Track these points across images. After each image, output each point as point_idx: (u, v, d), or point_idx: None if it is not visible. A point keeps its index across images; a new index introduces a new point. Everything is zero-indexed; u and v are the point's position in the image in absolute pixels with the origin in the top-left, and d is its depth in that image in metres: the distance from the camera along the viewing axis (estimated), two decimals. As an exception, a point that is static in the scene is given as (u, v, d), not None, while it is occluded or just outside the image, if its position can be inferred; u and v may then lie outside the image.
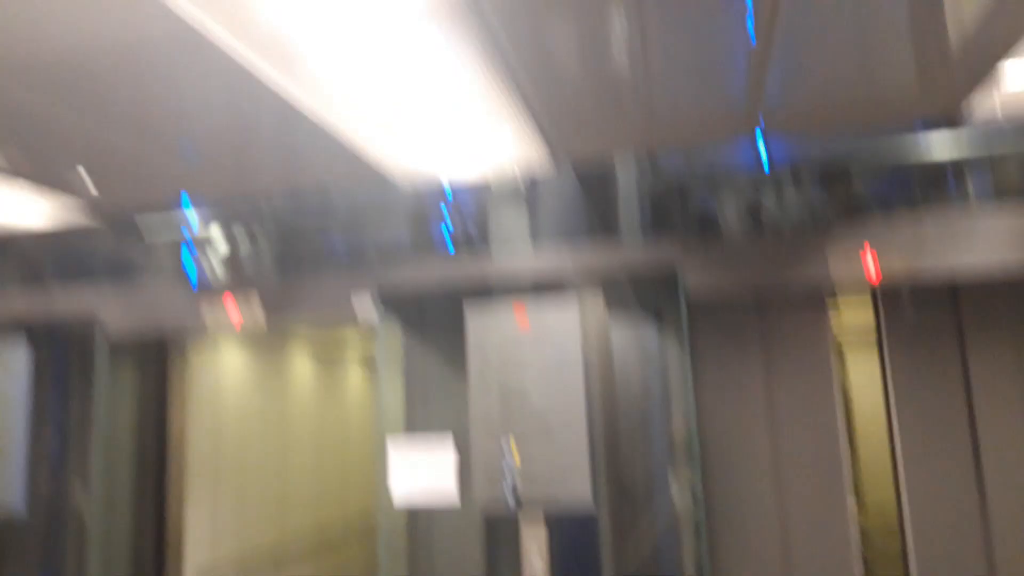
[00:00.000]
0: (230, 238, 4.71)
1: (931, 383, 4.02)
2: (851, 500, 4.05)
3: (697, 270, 4.00)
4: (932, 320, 4.05)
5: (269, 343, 6.67)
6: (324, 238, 4.93)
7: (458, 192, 4.86)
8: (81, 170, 3.71)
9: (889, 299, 4.14)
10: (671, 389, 4.37)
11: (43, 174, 3.76)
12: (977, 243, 3.63)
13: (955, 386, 3.99)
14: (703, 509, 3.92)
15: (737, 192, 4.26)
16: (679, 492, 4.18)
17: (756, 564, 4.04)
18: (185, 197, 4.13)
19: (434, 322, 4.69)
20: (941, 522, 3.91)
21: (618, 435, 4.39)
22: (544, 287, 4.43)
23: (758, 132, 3.61)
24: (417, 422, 4.49)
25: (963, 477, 3.92)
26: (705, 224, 4.58)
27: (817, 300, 4.19)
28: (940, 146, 4.09)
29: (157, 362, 5.15)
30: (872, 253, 3.75)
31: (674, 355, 4.28)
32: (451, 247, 4.96)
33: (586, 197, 4.82)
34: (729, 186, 4.28)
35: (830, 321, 4.20)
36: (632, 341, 4.64)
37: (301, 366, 7.39)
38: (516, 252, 4.28)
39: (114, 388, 4.74)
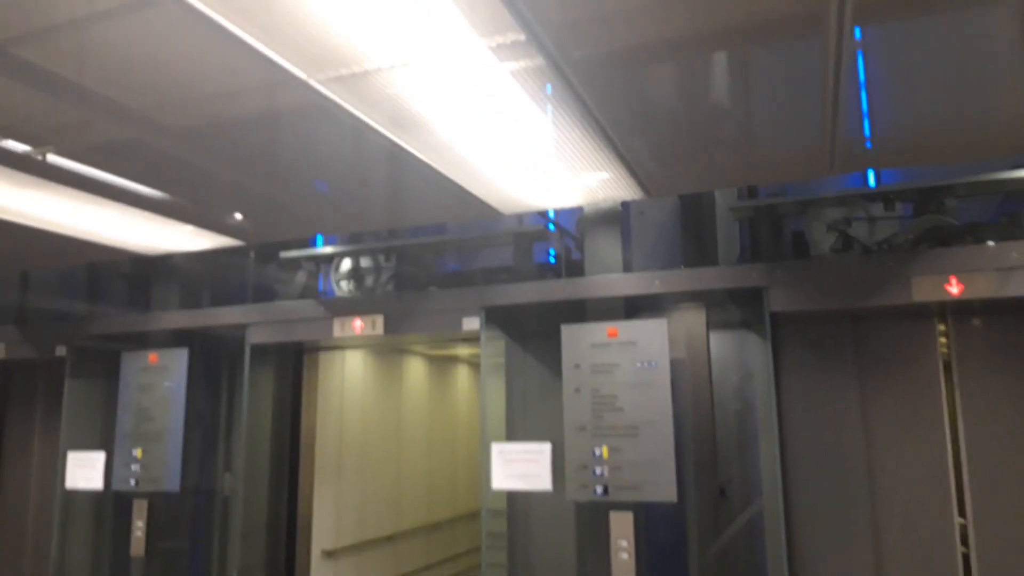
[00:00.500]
0: (356, 264, 5.30)
1: (1003, 406, 4.09)
2: (957, 521, 4.14)
3: (785, 289, 4.20)
4: (1007, 344, 4.12)
5: (387, 345, 7.26)
6: (437, 262, 5.45)
7: (561, 220, 5.24)
8: (237, 215, 4.33)
9: (964, 321, 4.21)
10: (760, 399, 4.59)
11: (204, 217, 4.41)
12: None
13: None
14: (781, 516, 4.13)
15: (826, 214, 4.43)
16: (765, 498, 4.41)
17: None
18: (319, 232, 4.69)
19: (534, 337, 5.10)
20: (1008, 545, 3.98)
21: (711, 439, 4.67)
22: (640, 308, 4.76)
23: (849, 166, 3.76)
24: (517, 424, 4.92)
25: (1053, 499, 3.97)
26: (797, 244, 4.77)
27: (922, 311, 4.26)
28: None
29: (293, 367, 5.81)
30: (955, 278, 3.86)
31: (763, 367, 4.49)
32: (552, 267, 5.35)
33: (679, 221, 5.09)
34: (819, 209, 4.45)
35: (936, 333, 4.30)
36: (731, 353, 4.89)
37: (414, 365, 7.97)
38: (610, 272, 4.62)
39: (256, 389, 5.42)
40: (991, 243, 3.92)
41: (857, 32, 2.56)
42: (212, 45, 2.39)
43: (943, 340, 4.33)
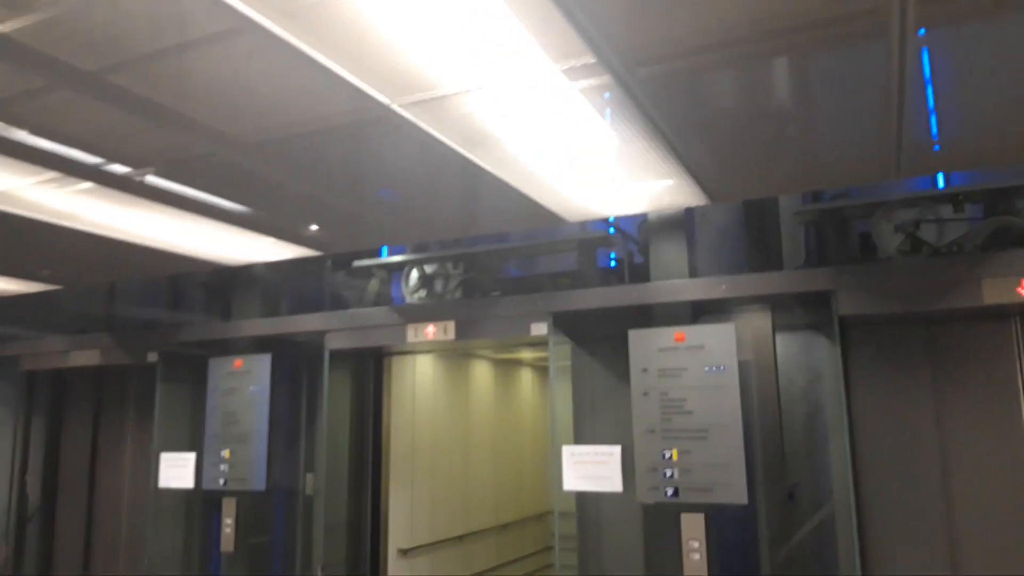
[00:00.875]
0: (426, 272, 5.51)
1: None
2: None
3: (853, 292, 4.21)
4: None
5: (455, 350, 7.46)
6: (506, 268, 5.61)
7: (622, 225, 5.34)
8: (313, 226, 4.56)
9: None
10: (830, 403, 4.61)
11: (279, 228, 4.66)
12: None
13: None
14: (854, 520, 4.14)
15: (894, 217, 4.42)
16: (838, 496, 4.42)
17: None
18: (391, 241, 4.89)
19: (600, 341, 5.21)
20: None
21: (779, 442, 4.70)
22: (705, 311, 4.82)
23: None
24: (586, 427, 5.03)
25: None
26: (864, 247, 4.76)
27: (997, 313, 4.23)
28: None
29: (371, 371, 6.04)
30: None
31: (833, 371, 4.51)
32: (614, 271, 5.45)
33: (742, 225, 5.13)
34: (886, 211, 4.44)
35: (1013, 335, 4.25)
36: (797, 356, 4.92)
37: (480, 368, 8.16)
38: (675, 277, 4.69)
39: (335, 393, 5.67)
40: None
41: (922, 32, 2.60)
42: (296, 71, 2.56)
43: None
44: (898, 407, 4.36)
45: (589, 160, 3.44)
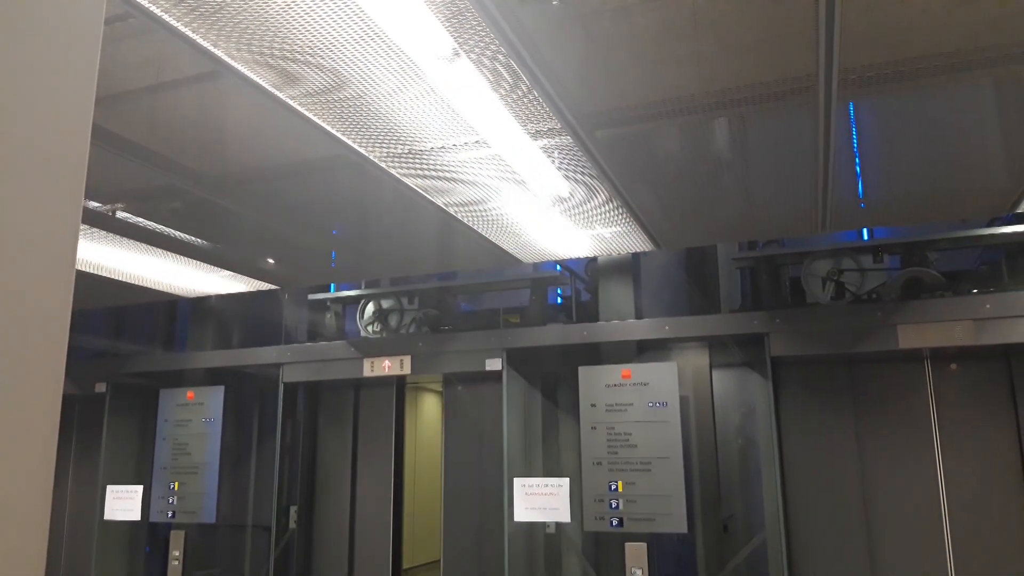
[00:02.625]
0: (379, 306, 5.69)
1: (982, 442, 4.44)
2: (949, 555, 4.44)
3: (784, 335, 4.56)
4: (984, 383, 4.50)
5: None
6: (460, 307, 5.83)
7: (571, 265, 5.63)
8: (270, 260, 4.70)
9: (944, 366, 4.60)
10: (762, 438, 4.93)
11: (237, 261, 4.77)
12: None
13: (1007, 439, 4.38)
14: (783, 548, 4.44)
15: (820, 266, 4.81)
16: (769, 527, 4.71)
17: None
18: (349, 277, 5.05)
19: (550, 377, 5.45)
20: None
21: (715, 474, 5.00)
22: (647, 348, 5.11)
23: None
24: (536, 459, 5.25)
25: (1006, 512, 4.29)
26: (794, 291, 5.14)
27: (911, 356, 4.60)
28: (1005, 234, 4.53)
29: (317, 403, 6.13)
30: (936, 326, 4.23)
31: (765, 408, 4.83)
32: (561, 307, 5.71)
33: (684, 269, 5.47)
34: (813, 260, 4.83)
35: (925, 376, 4.64)
36: (733, 392, 5.24)
37: (429, 402, 8.26)
38: (622, 318, 4.98)
39: (285, 425, 5.75)
40: (968, 295, 4.29)
41: (852, 108, 2.94)
42: (272, 114, 2.70)
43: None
44: (823, 441, 4.71)
45: (546, 208, 3.70)
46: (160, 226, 4.14)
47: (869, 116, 3.04)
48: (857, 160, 3.43)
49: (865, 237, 5.21)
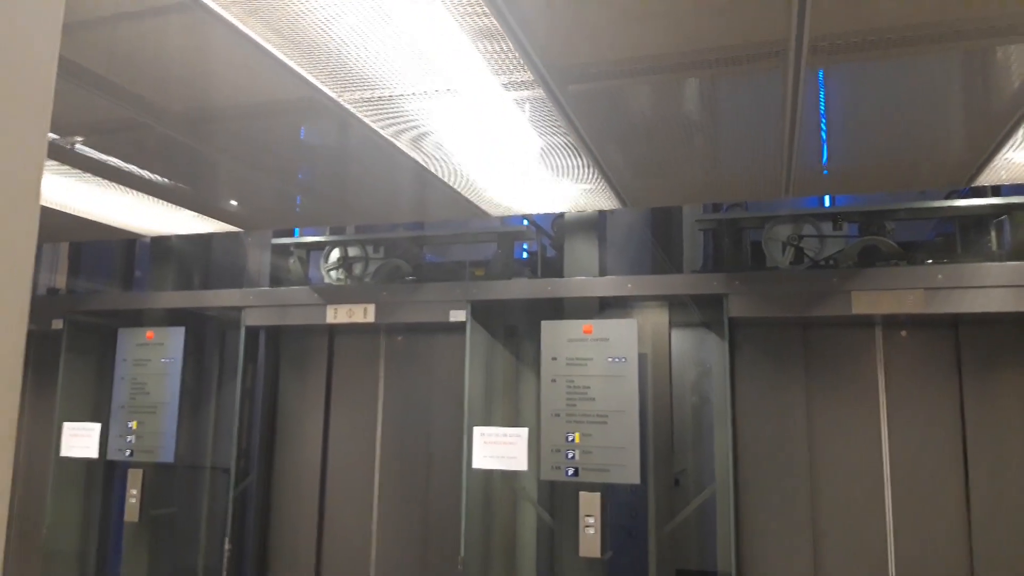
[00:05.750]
0: (344, 253, 5.66)
1: (926, 408, 4.63)
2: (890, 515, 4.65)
3: (742, 296, 4.66)
4: (932, 351, 4.68)
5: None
6: (425, 258, 5.83)
7: (538, 220, 5.65)
8: (233, 202, 4.64)
9: (894, 332, 4.75)
10: (717, 396, 5.06)
11: (201, 202, 4.70)
12: (980, 292, 4.23)
13: (949, 405, 4.59)
14: (731, 502, 4.61)
15: (781, 231, 4.90)
16: (719, 481, 4.88)
17: (784, 562, 4.71)
18: (313, 223, 5.01)
19: (513, 328, 5.51)
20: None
21: (669, 429, 5.15)
22: (610, 306, 5.19)
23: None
24: (497, 410, 5.34)
25: (950, 489, 4.51)
26: (755, 255, 5.24)
27: (863, 322, 4.73)
28: (965, 204, 4.66)
29: (281, 347, 6.12)
30: (889, 294, 4.36)
31: (721, 367, 4.95)
32: (526, 262, 5.75)
33: (649, 229, 5.53)
34: (775, 224, 4.92)
35: (876, 342, 4.79)
36: (690, 351, 5.36)
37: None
38: (587, 274, 5.04)
39: (246, 368, 5.74)
40: (921, 265, 4.42)
41: (821, 75, 2.97)
42: (239, 52, 2.63)
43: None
44: (775, 401, 4.85)
45: (515, 162, 3.70)
46: (121, 162, 4.06)
47: (837, 84, 3.07)
48: (824, 127, 3.48)
49: (827, 204, 5.31)
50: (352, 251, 5.65)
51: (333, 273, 5.67)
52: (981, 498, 4.46)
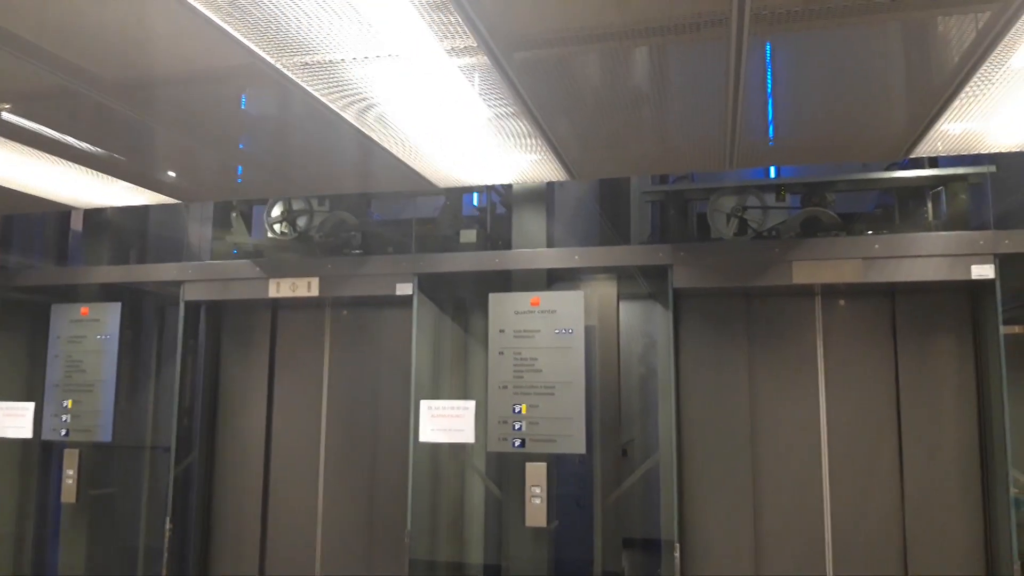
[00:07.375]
0: (288, 206, 5.50)
1: (863, 374, 4.77)
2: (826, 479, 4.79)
3: (687, 267, 4.70)
4: (869, 320, 4.81)
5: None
6: (370, 212, 5.72)
7: (486, 193, 5.60)
8: (171, 173, 4.49)
9: (833, 301, 4.88)
10: (661, 366, 5.13)
11: (136, 173, 4.54)
12: (915, 261, 4.36)
13: (885, 372, 4.74)
14: (675, 471, 4.69)
15: (725, 202, 4.96)
16: (663, 450, 4.95)
17: (725, 529, 4.82)
18: (254, 194, 4.87)
19: (461, 302, 5.49)
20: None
21: (616, 400, 5.20)
22: (559, 278, 5.20)
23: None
24: (444, 383, 5.32)
25: (886, 462, 4.67)
26: (700, 226, 5.29)
27: (804, 291, 4.84)
28: (904, 176, 4.77)
29: (222, 323, 5.97)
30: (828, 264, 4.46)
31: (665, 338, 5.00)
32: (479, 221, 5.70)
33: (597, 201, 5.53)
34: (719, 196, 4.97)
35: (815, 311, 4.90)
36: (638, 323, 5.41)
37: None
38: (534, 246, 5.03)
39: (186, 344, 5.60)
40: (860, 235, 4.52)
41: (768, 48, 2.98)
42: (170, 17, 2.55)
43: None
44: (718, 371, 4.94)
45: (462, 132, 3.65)
46: (52, 131, 3.88)
47: (779, 55, 3.08)
48: (770, 99, 3.51)
49: (772, 175, 5.38)
50: (296, 204, 5.50)
51: (277, 227, 5.49)
52: (913, 458, 4.63)
